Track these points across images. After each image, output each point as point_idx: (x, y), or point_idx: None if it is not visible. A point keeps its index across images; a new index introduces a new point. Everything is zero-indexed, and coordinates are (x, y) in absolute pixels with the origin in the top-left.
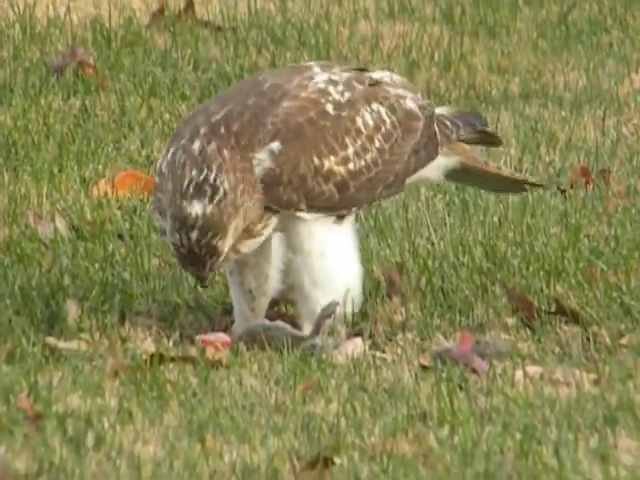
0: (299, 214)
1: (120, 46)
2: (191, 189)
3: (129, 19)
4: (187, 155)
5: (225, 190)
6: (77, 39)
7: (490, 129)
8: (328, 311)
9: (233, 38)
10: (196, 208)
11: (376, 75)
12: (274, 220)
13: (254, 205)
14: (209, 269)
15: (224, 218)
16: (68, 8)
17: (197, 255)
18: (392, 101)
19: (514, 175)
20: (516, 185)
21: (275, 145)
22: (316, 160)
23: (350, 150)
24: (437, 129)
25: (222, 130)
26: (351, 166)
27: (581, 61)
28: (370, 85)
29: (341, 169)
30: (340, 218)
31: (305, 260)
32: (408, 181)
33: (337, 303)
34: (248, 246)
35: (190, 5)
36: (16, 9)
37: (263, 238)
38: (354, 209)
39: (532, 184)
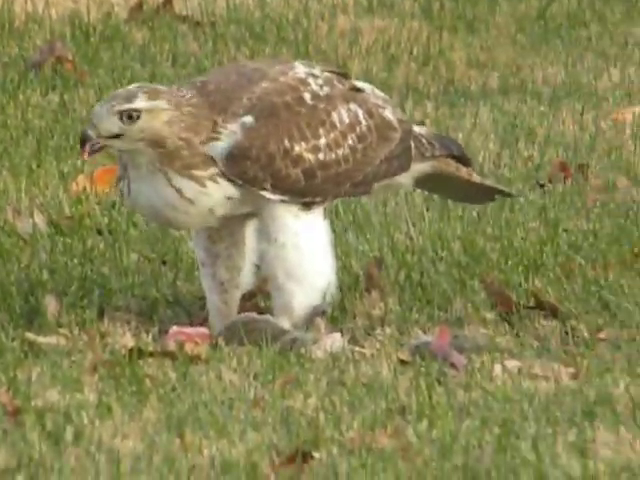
0: (263, 193)
1: (99, 41)
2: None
3: (107, 14)
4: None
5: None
6: (55, 34)
7: (464, 153)
8: (320, 309)
9: (212, 33)
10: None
11: (359, 84)
12: (224, 184)
13: (184, 142)
14: (105, 113)
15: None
16: (46, 3)
17: (110, 98)
18: (370, 106)
19: (485, 182)
20: (486, 193)
21: (248, 119)
22: (286, 142)
23: (322, 140)
24: (413, 144)
25: (198, 84)
26: (321, 156)
27: (560, 56)
28: (350, 89)
29: (310, 156)
30: (306, 207)
31: (279, 252)
32: (377, 185)
33: (329, 302)
34: (192, 193)
35: (168, 0)
36: None
37: (210, 193)
38: (319, 199)
39: (502, 192)
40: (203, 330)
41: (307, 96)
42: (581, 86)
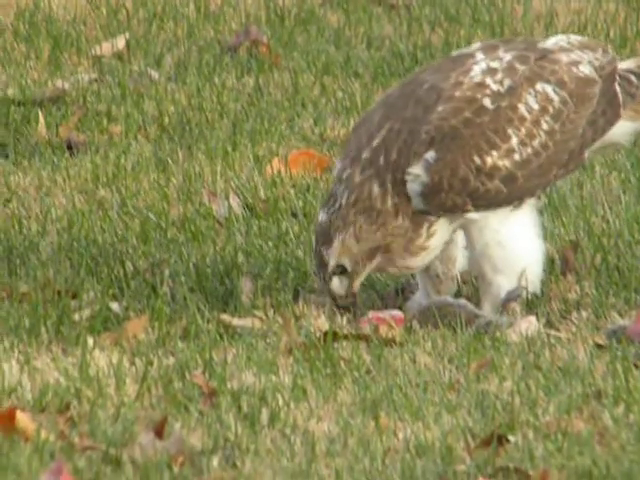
0: (468, 215)
1: (293, 24)
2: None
3: None
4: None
5: (341, 204)
6: (251, 18)
7: None
8: (514, 294)
9: (407, 16)
10: (322, 216)
11: (549, 43)
12: (441, 225)
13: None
14: (323, 279)
15: (331, 230)
16: None
17: (315, 262)
18: (561, 74)
19: None
20: None
21: (430, 155)
22: (476, 159)
23: (514, 140)
24: (619, 88)
25: (381, 161)
26: (517, 157)
27: None
28: (537, 60)
29: (505, 162)
30: (516, 208)
31: (484, 251)
32: (588, 152)
33: (524, 287)
34: (417, 261)
35: None
36: None
37: (434, 249)
38: (527, 199)
39: None
40: (398, 313)
41: (487, 102)
42: None
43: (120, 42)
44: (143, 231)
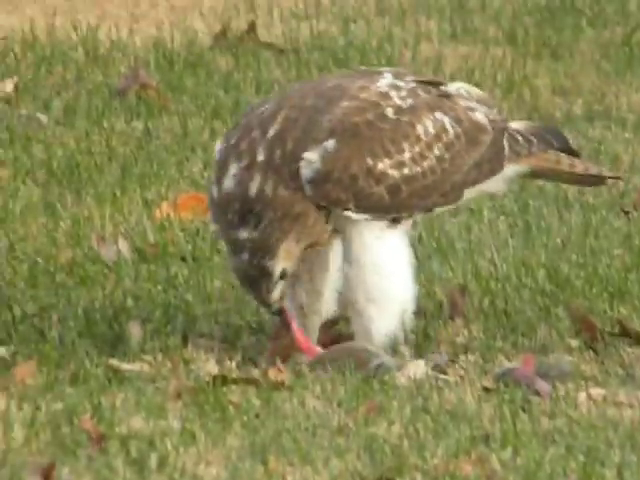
0: (346, 213)
1: (182, 68)
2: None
3: (191, 41)
4: (244, 190)
5: (270, 219)
6: (139, 61)
7: (569, 146)
8: (442, 360)
9: (295, 60)
10: (243, 234)
11: (452, 87)
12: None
13: (314, 225)
14: (266, 290)
15: (271, 239)
16: (130, 30)
17: (251, 276)
18: (459, 112)
19: (588, 171)
20: (593, 180)
21: (329, 143)
22: (369, 161)
23: (406, 155)
24: (507, 144)
25: (277, 154)
26: (406, 171)
27: None
28: (438, 95)
29: (395, 172)
30: (393, 223)
31: (359, 274)
32: (468, 193)
33: (410, 329)
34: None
35: (252, 27)
36: (79, 31)
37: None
38: (405, 215)
39: (611, 177)
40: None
41: (389, 111)
42: None
43: (8, 86)
44: (31, 275)
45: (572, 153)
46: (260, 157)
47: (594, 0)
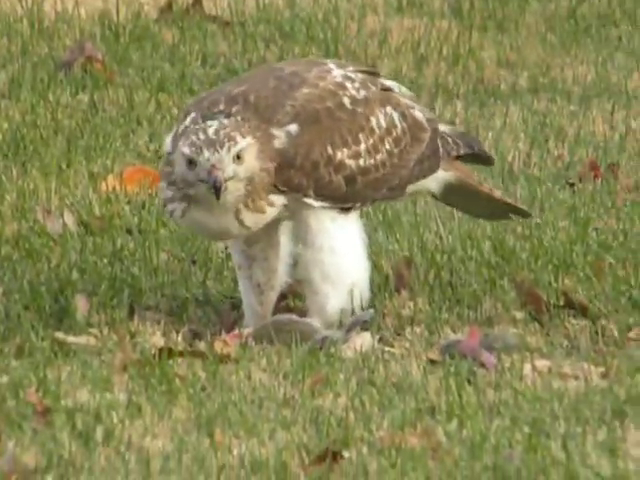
0: (306, 199)
1: (128, 41)
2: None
3: (137, 13)
4: (204, 130)
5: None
6: (85, 34)
7: (485, 150)
8: (362, 318)
9: (241, 33)
10: (213, 124)
11: (387, 83)
12: (280, 201)
13: (265, 172)
14: (225, 154)
15: (238, 129)
16: (76, 2)
17: (214, 140)
18: (403, 108)
19: (504, 199)
20: (505, 210)
21: (292, 127)
22: (329, 149)
23: (362, 146)
24: (440, 143)
25: (240, 102)
26: (361, 162)
27: (590, 55)
28: (382, 89)
29: (352, 163)
30: (345, 211)
31: (315, 255)
32: (409, 189)
33: (374, 313)
34: (252, 220)
35: (198, 0)
36: (24, 4)
37: (266, 217)
38: (358, 204)
39: (521, 211)
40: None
41: (347, 101)
42: (611, 85)
43: None
44: None
45: (487, 159)
46: (222, 105)
47: None
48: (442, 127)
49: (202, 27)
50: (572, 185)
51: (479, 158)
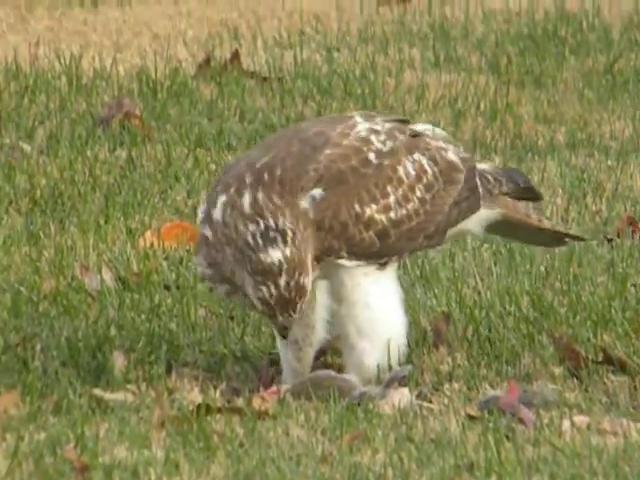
0: (340, 261)
1: (166, 97)
2: (259, 240)
3: (175, 69)
4: (238, 210)
5: (292, 229)
6: (123, 90)
7: (532, 185)
8: (401, 374)
9: (279, 88)
10: (275, 255)
11: (418, 127)
12: (317, 266)
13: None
14: (299, 310)
15: (302, 254)
16: (114, 59)
17: (287, 299)
18: (434, 152)
19: (555, 228)
20: (557, 238)
21: (317, 192)
22: (357, 207)
23: (391, 198)
24: (479, 182)
25: (266, 177)
26: (392, 214)
27: (627, 110)
28: (412, 136)
29: (382, 217)
30: (382, 266)
31: (350, 310)
32: (449, 233)
33: (412, 368)
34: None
35: (236, 55)
36: (62, 60)
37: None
38: (394, 258)
39: (574, 237)
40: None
41: (372, 156)
42: None
43: None
44: (14, 305)
45: (535, 194)
46: (248, 179)
47: (577, 28)
48: (482, 165)
49: (240, 83)
50: (610, 240)
51: (527, 194)
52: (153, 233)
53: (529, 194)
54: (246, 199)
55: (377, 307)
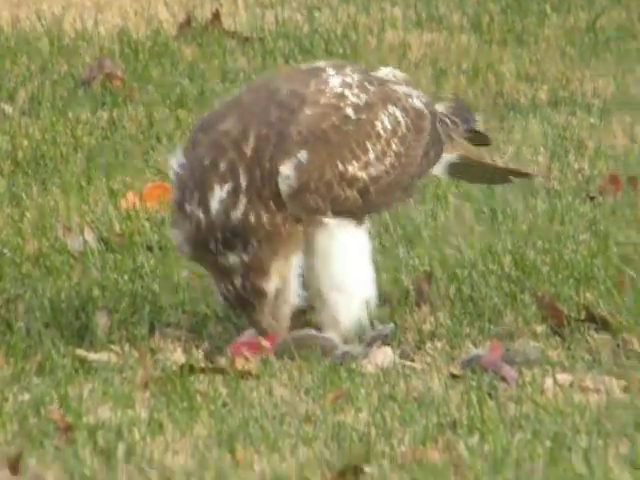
0: (324, 220)
1: (147, 58)
2: (220, 246)
3: (156, 30)
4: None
5: (254, 244)
6: (104, 51)
7: (479, 128)
8: (383, 332)
9: (260, 48)
10: (233, 259)
11: (380, 74)
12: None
13: (295, 236)
14: (261, 309)
15: (263, 264)
16: (95, 20)
17: (246, 300)
18: (403, 102)
19: (508, 166)
20: (508, 175)
21: (302, 155)
22: (340, 166)
23: (371, 155)
24: (439, 127)
25: (257, 174)
26: (372, 171)
27: (609, 68)
28: (380, 85)
29: (363, 174)
30: (360, 222)
31: (326, 264)
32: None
33: (394, 327)
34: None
35: (217, 16)
36: (44, 22)
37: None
38: (373, 213)
39: (524, 174)
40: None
41: (350, 111)
42: (631, 98)
43: None
44: None
45: (483, 137)
46: (243, 182)
47: None
48: (438, 107)
49: (221, 43)
50: (592, 198)
51: (476, 139)
52: (135, 194)
53: (478, 138)
54: (238, 211)
55: (352, 261)
